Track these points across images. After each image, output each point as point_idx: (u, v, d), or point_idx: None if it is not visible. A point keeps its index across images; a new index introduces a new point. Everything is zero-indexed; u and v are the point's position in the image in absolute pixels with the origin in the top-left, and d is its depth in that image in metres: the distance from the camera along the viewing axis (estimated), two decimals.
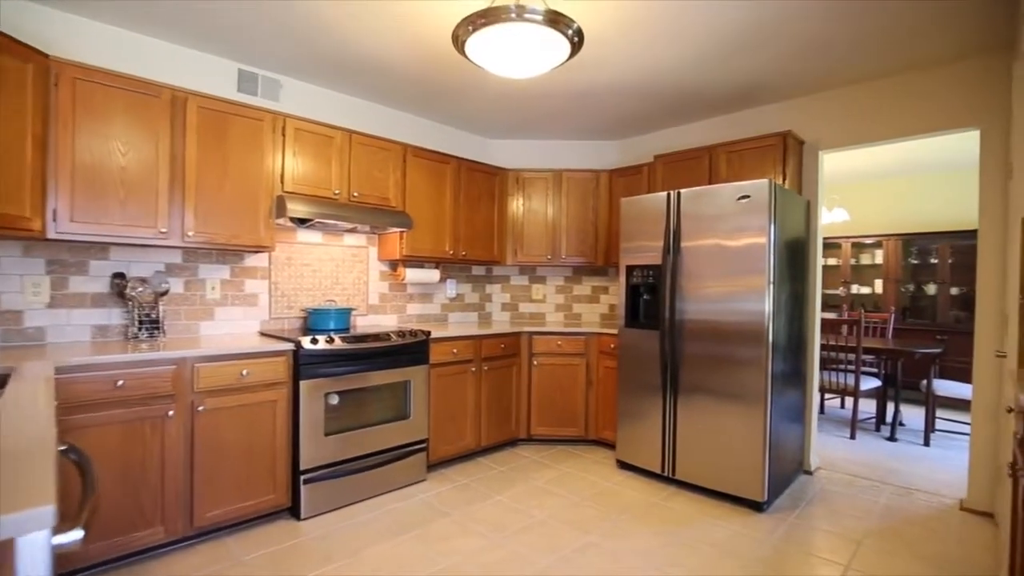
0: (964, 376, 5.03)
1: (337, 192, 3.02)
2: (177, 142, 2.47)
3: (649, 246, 3.19)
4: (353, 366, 2.77)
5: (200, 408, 2.27)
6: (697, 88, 3.31)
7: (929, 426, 4.03)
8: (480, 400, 3.50)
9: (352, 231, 3.43)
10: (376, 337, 2.88)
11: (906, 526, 2.65)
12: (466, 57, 2.20)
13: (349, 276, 3.47)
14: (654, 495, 2.99)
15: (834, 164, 5.25)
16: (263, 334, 2.89)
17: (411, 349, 3.04)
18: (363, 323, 3.54)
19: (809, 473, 3.37)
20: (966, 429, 4.29)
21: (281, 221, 2.93)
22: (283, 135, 2.82)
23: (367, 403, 2.85)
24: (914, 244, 5.77)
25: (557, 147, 4.47)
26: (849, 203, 6.22)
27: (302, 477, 2.56)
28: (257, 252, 2.94)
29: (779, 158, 3.16)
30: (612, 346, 3.63)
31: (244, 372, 2.39)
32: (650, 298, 3.24)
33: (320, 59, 2.94)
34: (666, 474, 3.11)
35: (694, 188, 2.98)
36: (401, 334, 3.00)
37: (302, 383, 2.56)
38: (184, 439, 2.24)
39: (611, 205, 4.05)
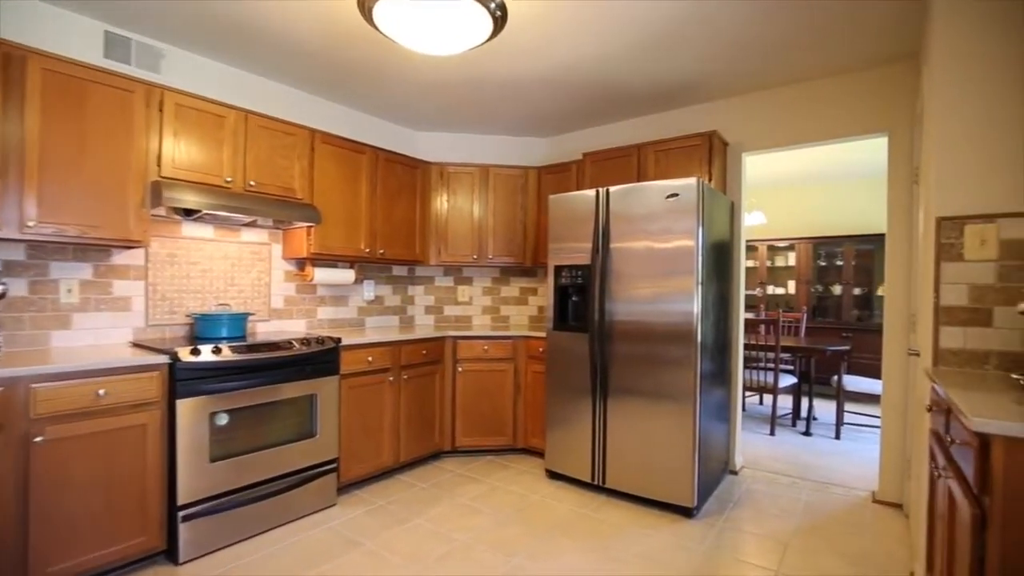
0: (867, 371, 5.36)
1: (230, 180, 2.63)
2: (12, 111, 2.00)
3: (578, 245, 3.06)
4: (246, 380, 2.40)
5: (37, 439, 1.83)
6: (625, 85, 3.23)
7: (840, 420, 4.22)
8: (399, 412, 3.21)
9: (251, 225, 3.03)
10: (275, 346, 2.52)
11: (827, 523, 2.67)
12: (376, 28, 1.93)
13: (247, 277, 3.06)
14: (584, 506, 2.85)
15: (752, 169, 5.43)
16: (136, 345, 2.45)
17: (318, 358, 2.70)
18: (265, 330, 3.14)
19: (735, 473, 3.38)
20: (872, 422, 4.54)
21: (159, 212, 2.50)
22: (160, 110, 2.40)
23: (265, 422, 2.48)
24: (822, 247, 6.11)
25: (485, 142, 4.26)
26: (765, 207, 6.50)
27: (180, 513, 2.17)
28: (128, 248, 2.49)
29: (705, 158, 3.13)
30: (541, 350, 3.47)
31: (101, 392, 1.97)
32: (579, 299, 3.10)
33: (213, 27, 2.55)
34: (596, 483, 2.98)
35: (623, 186, 2.88)
36: (306, 341, 2.65)
37: (180, 402, 2.17)
38: (13, 479, 1.79)
39: (540, 203, 3.90)
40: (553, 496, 2.98)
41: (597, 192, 2.97)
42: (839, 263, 6.00)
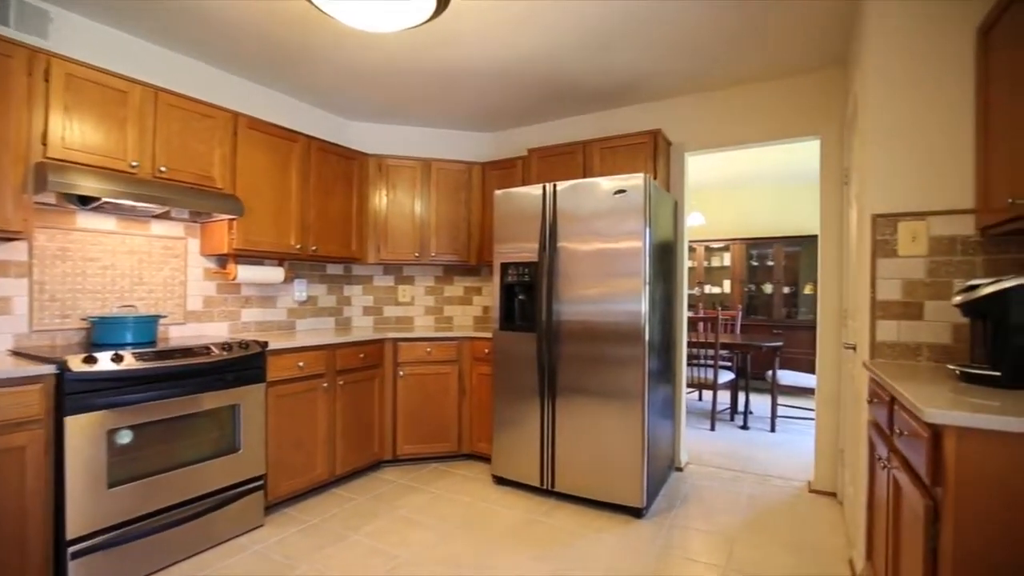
0: (797, 366, 5.63)
1: (135, 164, 2.33)
2: None
3: (524, 242, 2.96)
4: (154, 391, 2.11)
5: None
6: (572, 81, 3.17)
7: (774, 413, 4.37)
8: (335, 421, 2.98)
9: (164, 217, 2.71)
10: (190, 352, 2.25)
11: (770, 516, 2.72)
12: (309, 1, 1.74)
13: (159, 274, 2.74)
14: (533, 511, 2.75)
15: (691, 171, 5.57)
16: (16, 353, 2.10)
17: (240, 364, 2.44)
18: (180, 334, 2.82)
19: (680, 470, 3.40)
20: (803, 414, 4.75)
21: (47, 199, 2.17)
22: (47, 80, 2.07)
23: (178, 437, 2.21)
24: (754, 248, 6.38)
25: (428, 135, 4.09)
26: (703, 209, 6.70)
27: (70, 550, 1.86)
28: (7, 240, 2.14)
29: (650, 156, 3.13)
30: (486, 351, 3.34)
31: None
32: (526, 298, 3.01)
33: None
34: (545, 487, 2.89)
35: (570, 181, 2.81)
36: (227, 346, 2.39)
37: (69, 419, 1.87)
38: None
39: (484, 200, 3.78)
40: (501, 503, 2.86)
41: (544, 188, 2.89)
42: (770, 263, 6.28)
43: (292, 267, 3.45)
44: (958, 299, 1.58)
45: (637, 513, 2.66)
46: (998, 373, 1.42)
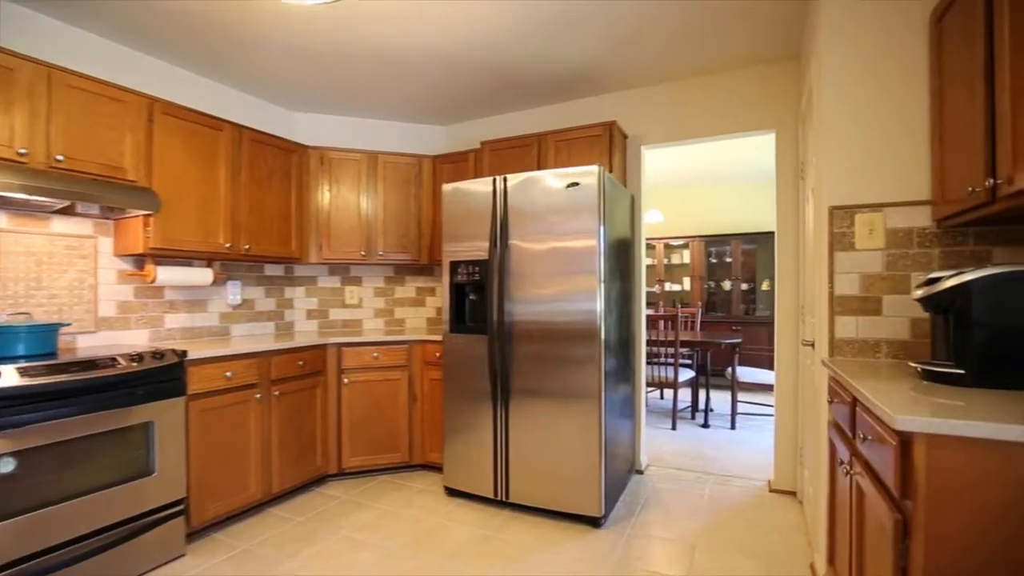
0: (756, 362, 5.66)
1: (24, 152, 2.04)
2: None
3: (475, 238, 2.80)
4: (45, 410, 1.84)
5: None
6: (521, 71, 3.02)
7: (734, 410, 4.35)
8: (271, 435, 2.74)
9: (68, 212, 2.42)
10: (92, 364, 1.98)
11: (731, 519, 2.63)
12: None
13: (63, 278, 2.44)
14: (487, 525, 2.58)
15: (649, 167, 5.53)
16: None
17: (154, 377, 2.18)
18: (90, 344, 2.53)
19: (641, 472, 3.30)
20: (762, 410, 4.75)
21: None
22: None
23: (78, 462, 1.94)
24: (713, 245, 6.40)
25: (378, 128, 3.87)
26: (662, 206, 6.69)
27: None
28: None
29: (605, 149, 3.01)
30: (438, 355, 3.16)
31: None
32: (477, 298, 2.84)
33: None
34: (499, 498, 2.73)
35: (522, 174, 2.66)
36: (137, 357, 2.13)
37: None
38: None
39: (436, 195, 3.59)
40: (452, 517, 2.68)
41: (494, 181, 2.73)
42: (728, 260, 6.31)
43: (224, 268, 3.18)
44: (919, 293, 1.51)
45: (595, 523, 2.54)
46: (962, 371, 1.34)
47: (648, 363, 4.40)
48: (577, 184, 2.50)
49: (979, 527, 0.99)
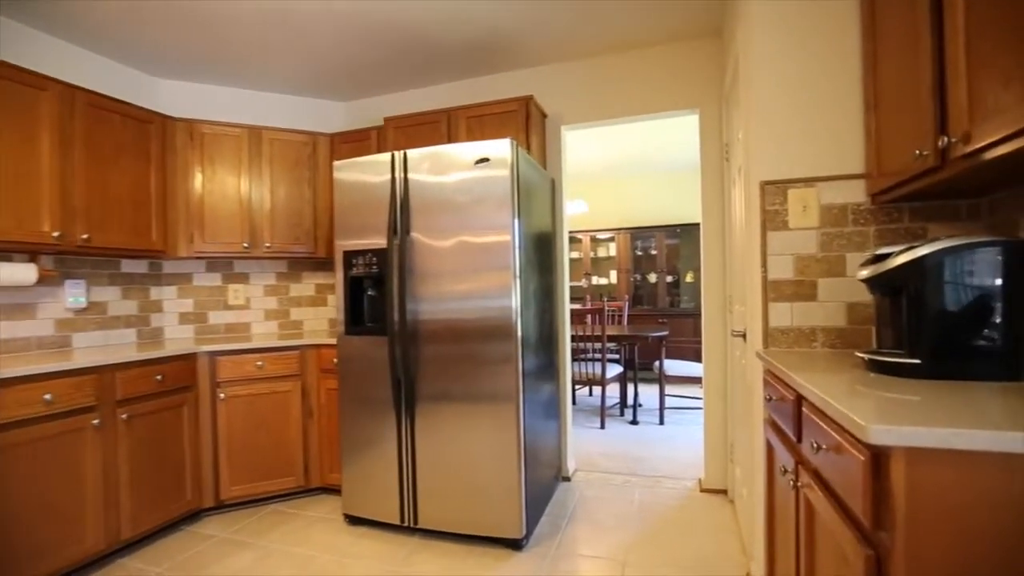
0: (682, 354, 5.63)
1: None
2: None
3: (371, 224, 2.41)
4: None
5: None
6: (430, 33, 2.67)
7: (662, 405, 4.23)
8: (117, 469, 2.21)
9: None
10: None
11: (662, 527, 2.43)
12: None
13: None
14: (391, 559, 2.21)
15: (574, 156, 5.33)
16: None
17: None
18: None
19: (568, 479, 3.05)
20: (690, 404, 4.69)
21: None
22: None
23: None
24: (638, 238, 6.34)
25: (263, 100, 3.35)
26: (587, 198, 6.54)
27: None
28: None
29: (522, 126, 2.72)
30: (336, 361, 2.73)
31: None
32: (377, 294, 2.46)
33: None
34: (407, 524, 2.37)
35: (425, 149, 2.31)
36: None
37: None
38: None
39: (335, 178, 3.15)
40: (352, 552, 2.28)
41: (393, 157, 2.35)
42: (654, 252, 6.27)
43: (59, 264, 2.57)
44: (864, 273, 1.32)
45: (516, 545, 2.23)
46: (917, 360, 1.15)
47: (575, 360, 4.20)
48: (487, 160, 2.19)
49: (973, 561, 0.77)
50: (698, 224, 5.65)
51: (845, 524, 0.94)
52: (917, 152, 1.26)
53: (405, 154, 2.32)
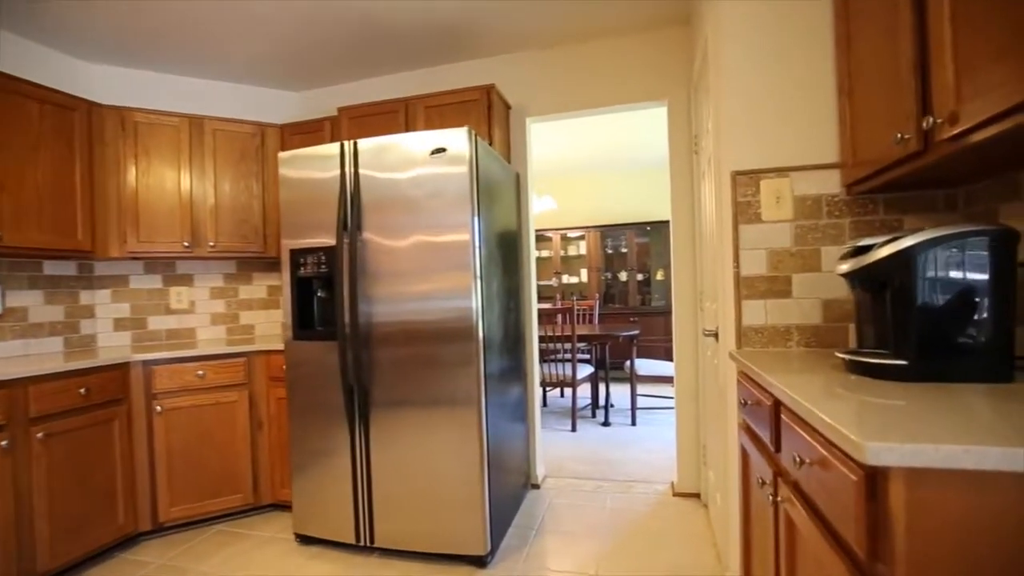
0: (654, 353, 5.58)
1: None
2: None
3: (320, 220, 2.23)
4: None
5: None
6: (389, 20, 2.50)
7: (634, 405, 4.15)
8: (30, 495, 1.97)
9: None
10: None
11: (634, 535, 2.32)
12: None
13: None
14: None
15: (542, 151, 5.22)
16: None
17: None
18: None
19: (537, 487, 2.92)
20: (662, 403, 4.62)
21: None
22: None
23: None
24: (609, 235, 6.27)
25: (209, 89, 3.11)
26: (558, 196, 6.44)
27: None
28: None
29: (484, 116, 2.58)
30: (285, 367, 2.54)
31: None
32: (327, 295, 2.28)
33: None
34: (363, 543, 2.20)
35: (376, 139, 2.14)
36: None
37: None
38: None
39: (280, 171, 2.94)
40: (305, 572, 2.10)
41: (342, 147, 2.18)
42: (624, 250, 6.21)
43: None
44: (844, 268, 1.22)
45: (480, 562, 2.09)
46: (903, 362, 1.06)
47: (545, 361, 4.08)
48: (444, 150, 2.03)
49: None
50: (668, 221, 5.64)
51: (835, 552, 0.82)
52: (899, 136, 1.17)
53: (355, 144, 2.15)
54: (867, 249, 1.15)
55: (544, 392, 5.05)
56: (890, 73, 1.24)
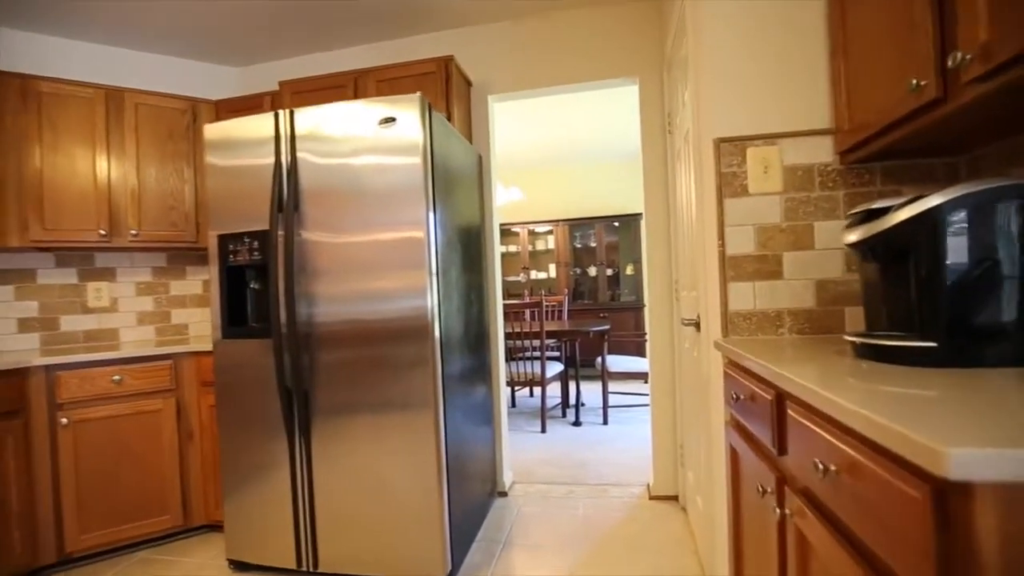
0: (624, 349, 5.44)
1: None
2: None
3: (251, 202, 1.95)
4: None
5: None
6: None
7: (606, 403, 3.99)
8: None
9: None
10: None
11: (609, 543, 2.13)
12: None
13: None
14: None
15: (507, 144, 5.01)
16: None
17: None
18: None
19: (504, 495, 2.70)
20: (634, 401, 4.47)
21: None
22: None
23: None
24: (577, 230, 6.11)
25: (137, 60, 2.77)
26: (524, 189, 6.24)
27: None
28: None
29: (441, 91, 2.35)
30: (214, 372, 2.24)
31: None
32: (261, 287, 2.01)
33: None
34: (306, 567, 1.93)
35: (316, 108, 1.88)
36: None
37: None
38: None
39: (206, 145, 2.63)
40: None
41: (276, 118, 1.91)
42: (593, 245, 6.06)
43: None
44: (853, 236, 1.05)
45: None
46: (932, 344, 0.89)
47: (512, 359, 3.87)
48: (393, 120, 1.79)
49: None
50: (637, 215, 5.50)
51: None
52: (913, 83, 1.00)
53: (292, 113, 1.89)
54: (880, 213, 0.98)
55: (512, 392, 4.84)
56: (900, 15, 1.07)
